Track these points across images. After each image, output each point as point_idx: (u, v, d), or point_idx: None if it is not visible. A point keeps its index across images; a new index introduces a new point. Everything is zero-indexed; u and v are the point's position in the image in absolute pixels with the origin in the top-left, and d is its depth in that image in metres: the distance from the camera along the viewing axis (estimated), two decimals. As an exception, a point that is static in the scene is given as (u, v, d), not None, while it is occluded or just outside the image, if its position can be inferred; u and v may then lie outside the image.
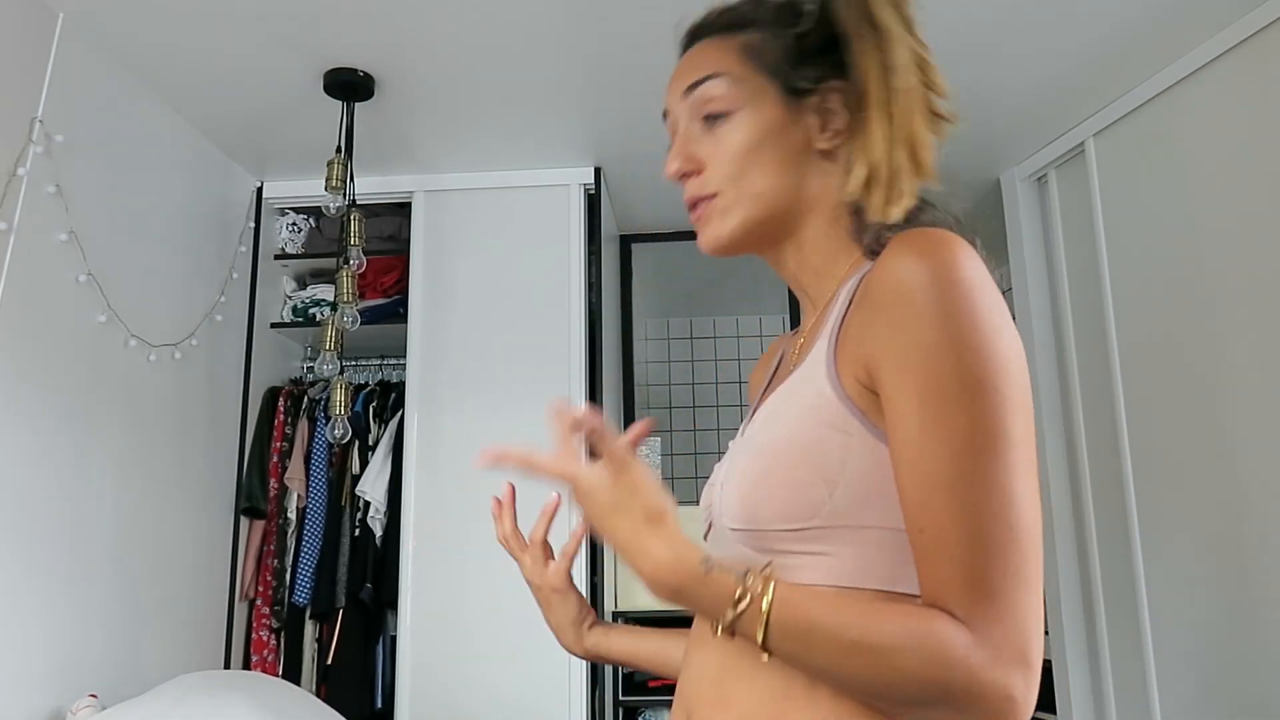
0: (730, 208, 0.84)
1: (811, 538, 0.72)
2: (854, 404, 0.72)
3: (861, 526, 0.71)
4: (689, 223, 0.90)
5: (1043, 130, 2.72)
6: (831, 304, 0.82)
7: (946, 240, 0.69)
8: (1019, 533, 0.64)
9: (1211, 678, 2.20)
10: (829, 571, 0.72)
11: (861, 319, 0.73)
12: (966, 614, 0.63)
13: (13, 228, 1.90)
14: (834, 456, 0.71)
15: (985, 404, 0.65)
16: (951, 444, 0.65)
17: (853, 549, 0.71)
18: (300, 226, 3.14)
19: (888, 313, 0.69)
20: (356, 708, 2.68)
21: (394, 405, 2.97)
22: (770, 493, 0.74)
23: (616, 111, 2.57)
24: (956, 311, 0.66)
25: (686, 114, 0.87)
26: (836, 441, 0.72)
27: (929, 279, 0.67)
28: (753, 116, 0.84)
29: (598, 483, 0.74)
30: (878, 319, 0.70)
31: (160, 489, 2.39)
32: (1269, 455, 2.06)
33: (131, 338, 2.27)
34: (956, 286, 0.67)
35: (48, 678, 1.95)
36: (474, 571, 2.64)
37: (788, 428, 0.76)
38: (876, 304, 0.70)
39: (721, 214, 0.85)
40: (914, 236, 0.70)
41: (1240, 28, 2.15)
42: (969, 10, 2.12)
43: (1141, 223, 2.48)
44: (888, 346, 0.69)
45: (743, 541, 0.77)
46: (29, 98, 1.97)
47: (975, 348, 0.66)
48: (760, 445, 0.77)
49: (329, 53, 2.27)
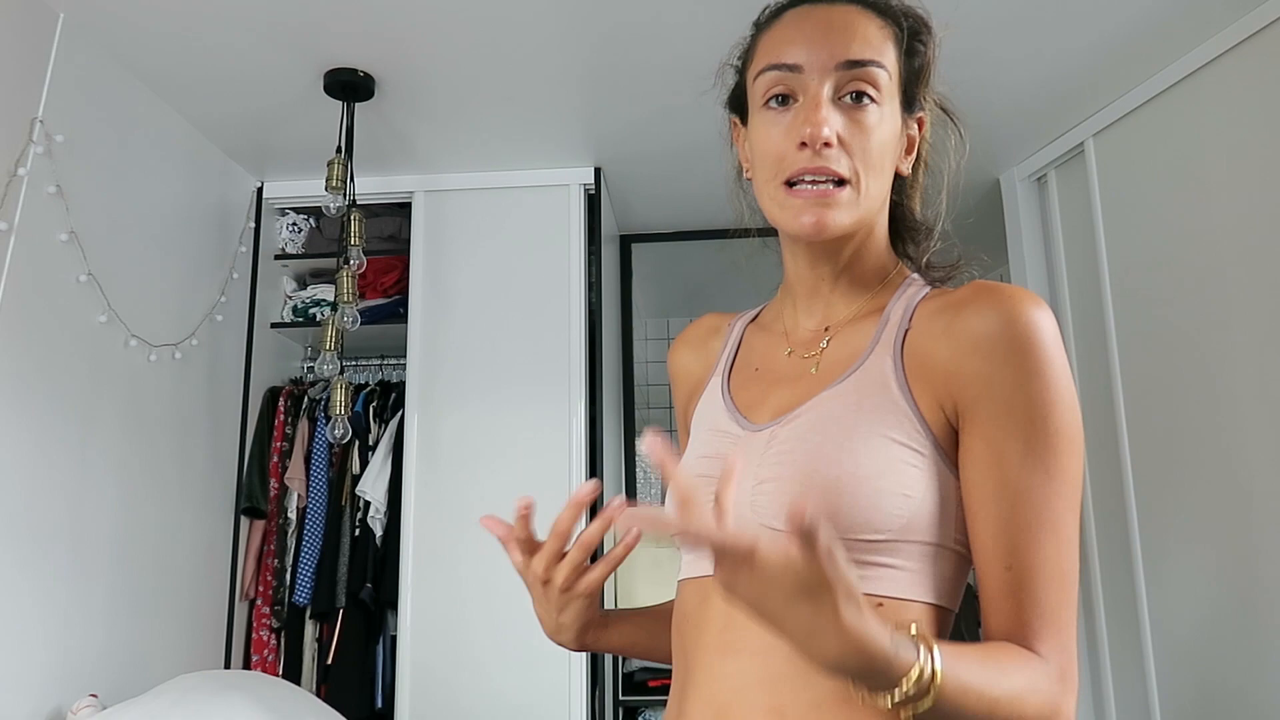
0: (859, 201, 0.82)
1: (884, 549, 0.74)
2: (929, 428, 0.76)
3: (926, 543, 0.75)
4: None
5: (1042, 130, 2.72)
6: (872, 317, 0.85)
7: (1035, 300, 0.76)
8: (1076, 572, 0.74)
9: (1211, 678, 2.20)
10: (893, 584, 0.74)
11: (951, 356, 0.77)
12: (1046, 649, 0.71)
13: (13, 228, 1.90)
14: (911, 473, 0.75)
15: (1076, 458, 0.73)
16: (1049, 491, 0.72)
17: (918, 563, 0.75)
18: (300, 226, 3.14)
19: (992, 361, 0.74)
20: (356, 707, 2.68)
21: (394, 405, 2.97)
22: (851, 501, 0.73)
23: (616, 111, 2.57)
24: (1057, 370, 0.74)
25: (831, 82, 0.82)
26: (912, 459, 0.75)
27: (1032, 337, 0.74)
28: (891, 117, 0.85)
29: (789, 562, 0.58)
30: (978, 363, 0.75)
31: (161, 489, 2.39)
32: (1269, 456, 2.06)
33: (132, 338, 2.27)
34: (1054, 345, 0.74)
35: (48, 677, 1.95)
36: (474, 571, 2.64)
37: (865, 437, 0.75)
38: (977, 349, 0.75)
39: (849, 204, 0.82)
40: (1008, 291, 0.76)
41: (1240, 28, 2.15)
42: (969, 10, 2.12)
43: (1141, 223, 2.48)
44: (992, 391, 0.74)
45: None
46: (29, 98, 1.97)
47: (1071, 405, 0.74)
48: (831, 451, 0.76)
49: (329, 53, 2.27)
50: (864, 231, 0.87)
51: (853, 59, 0.81)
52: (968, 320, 0.77)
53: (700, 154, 2.72)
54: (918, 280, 0.89)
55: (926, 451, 0.76)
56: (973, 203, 3.19)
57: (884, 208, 0.89)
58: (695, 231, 3.35)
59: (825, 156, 0.80)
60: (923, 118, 0.90)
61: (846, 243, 0.87)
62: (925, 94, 0.90)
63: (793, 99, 0.83)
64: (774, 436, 0.81)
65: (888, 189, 0.87)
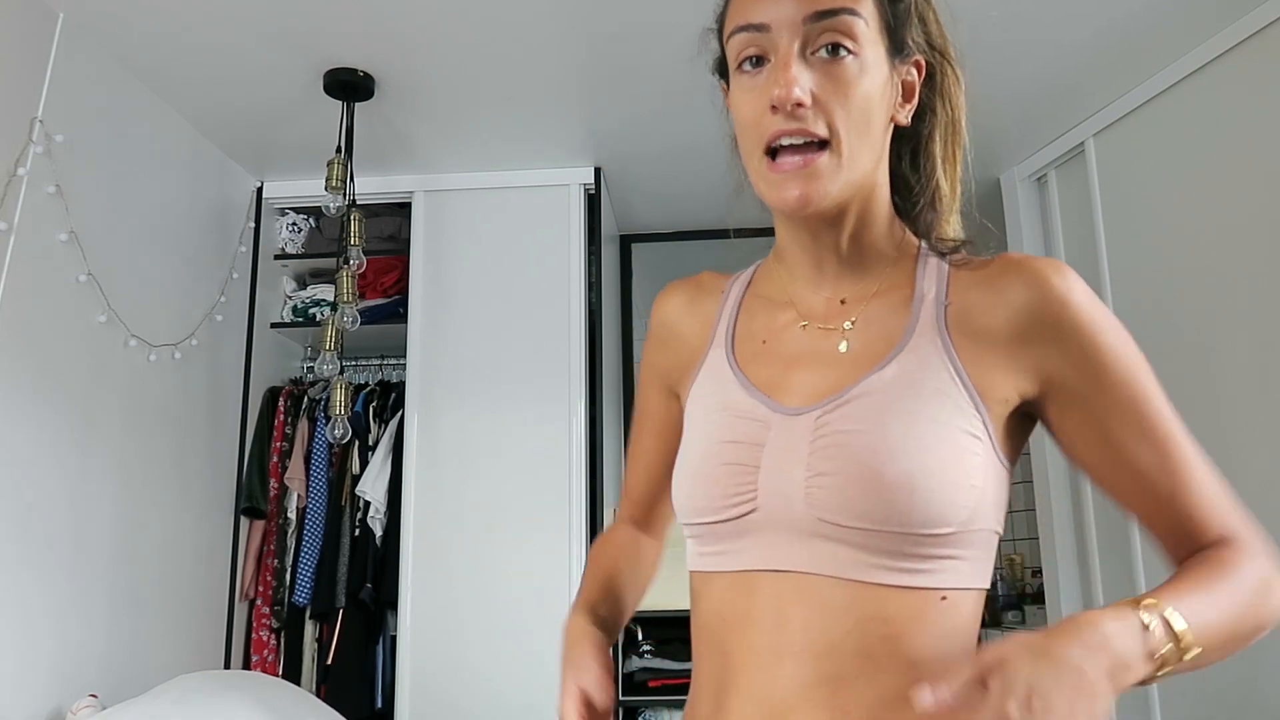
0: (843, 165, 0.76)
1: (954, 541, 0.72)
2: (986, 412, 0.75)
3: (984, 529, 0.74)
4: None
5: (1043, 130, 2.72)
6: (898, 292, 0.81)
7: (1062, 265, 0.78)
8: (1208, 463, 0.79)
9: (1211, 678, 2.20)
10: (959, 575, 0.73)
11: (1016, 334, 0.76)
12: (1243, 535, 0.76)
13: (13, 228, 1.90)
14: (976, 462, 0.73)
15: (1152, 374, 0.77)
16: (1175, 423, 0.76)
17: (978, 551, 0.75)
18: (300, 226, 3.14)
19: (1074, 335, 0.75)
20: (356, 707, 2.68)
21: (394, 405, 2.97)
22: (922, 496, 0.70)
23: (616, 111, 2.57)
24: (1111, 318, 0.77)
25: (800, 38, 0.76)
26: (975, 447, 0.74)
27: (1093, 302, 0.76)
28: (875, 67, 0.78)
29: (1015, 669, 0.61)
30: (1059, 340, 0.75)
31: (160, 489, 2.39)
32: (1270, 455, 2.06)
33: (132, 338, 2.27)
34: (1096, 299, 0.78)
35: (48, 677, 1.95)
36: (474, 571, 2.64)
37: (930, 428, 0.73)
38: (1054, 329, 0.75)
39: (831, 171, 0.76)
40: (1053, 265, 0.77)
41: (1239, 28, 2.15)
42: (969, 10, 2.12)
43: (1141, 223, 2.48)
44: (1088, 361, 0.75)
45: (848, 540, 0.72)
46: (29, 98, 1.97)
47: (1129, 338, 0.78)
48: (895, 443, 0.72)
49: (329, 53, 2.27)
50: (863, 195, 0.81)
51: (821, 9, 0.76)
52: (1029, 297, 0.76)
53: (700, 154, 2.72)
54: (926, 249, 0.84)
55: (984, 437, 0.74)
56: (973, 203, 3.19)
57: (879, 167, 0.81)
58: (695, 231, 3.35)
59: (800, 117, 0.75)
60: (920, 61, 0.82)
61: (846, 211, 0.81)
62: (915, 35, 0.81)
63: (766, 60, 0.78)
64: (821, 424, 0.75)
65: (879, 146, 0.80)
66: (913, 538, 0.71)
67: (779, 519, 0.75)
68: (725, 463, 0.78)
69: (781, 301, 0.87)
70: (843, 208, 0.80)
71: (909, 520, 0.70)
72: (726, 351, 0.86)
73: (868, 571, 0.72)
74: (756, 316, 0.88)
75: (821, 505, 0.73)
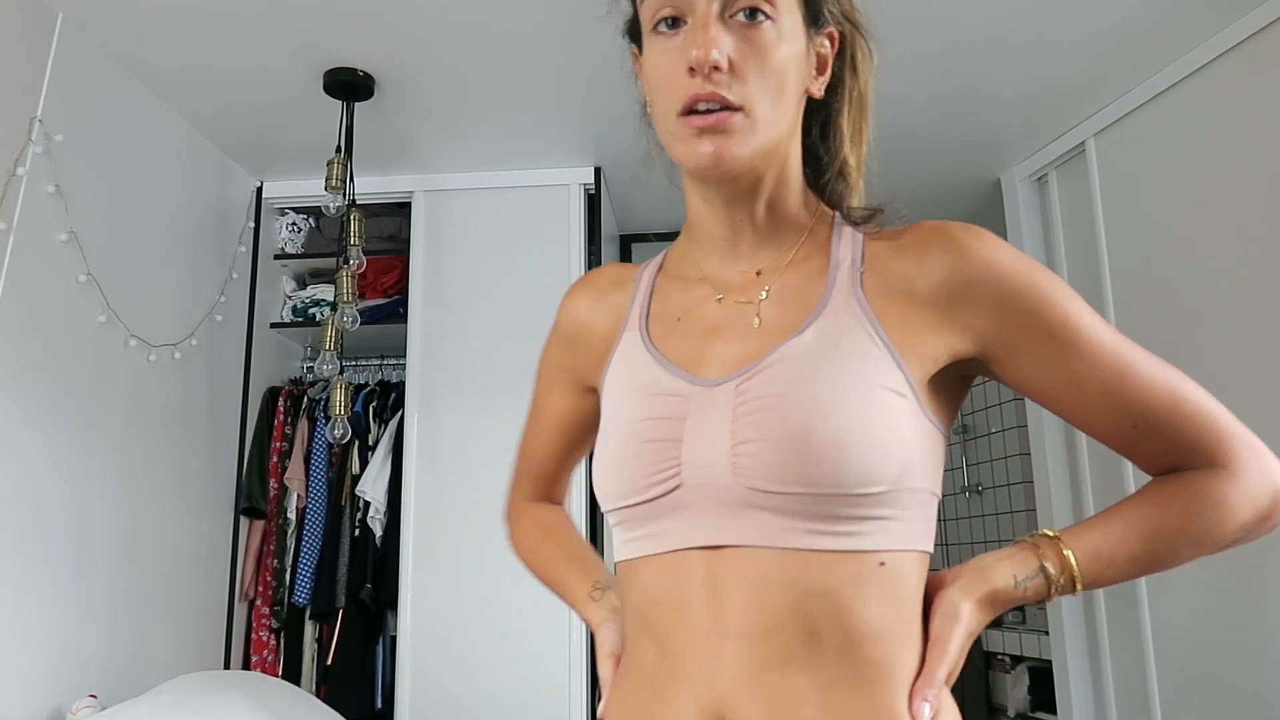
0: (757, 128, 0.75)
1: (883, 501, 0.71)
2: (908, 372, 0.74)
3: (917, 489, 0.74)
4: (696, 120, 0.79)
5: (1043, 130, 2.72)
6: (813, 261, 0.81)
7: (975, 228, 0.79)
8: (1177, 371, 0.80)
9: (1211, 678, 2.20)
10: (894, 536, 0.72)
11: (944, 295, 0.76)
12: (1229, 446, 0.76)
13: (12, 227, 1.90)
14: (902, 419, 0.73)
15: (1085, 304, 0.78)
16: (1126, 346, 0.77)
17: (913, 511, 0.74)
18: (300, 226, 3.14)
19: (1006, 293, 0.76)
20: (356, 708, 2.68)
21: (394, 405, 2.97)
22: (850, 454, 0.69)
23: (616, 111, 2.56)
24: (1047, 271, 0.78)
25: (718, 3, 0.75)
26: (900, 404, 0.73)
27: (1016, 255, 0.77)
28: (791, 35, 0.77)
29: None
30: (991, 301, 0.76)
31: (160, 489, 2.39)
32: (1269, 455, 2.06)
33: (131, 338, 2.27)
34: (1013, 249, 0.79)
35: (48, 678, 1.95)
36: (474, 571, 2.64)
37: (853, 386, 0.72)
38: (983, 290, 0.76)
39: (746, 132, 0.75)
40: (971, 229, 0.78)
41: (1239, 29, 2.15)
42: (969, 10, 2.12)
43: (1141, 223, 2.48)
44: (1024, 313, 0.75)
45: (779, 507, 0.71)
46: (28, 97, 1.97)
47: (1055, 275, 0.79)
48: (819, 403, 0.71)
49: (329, 53, 2.27)
50: (777, 165, 0.80)
51: None
52: (953, 260, 0.76)
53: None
54: (840, 220, 0.84)
55: (909, 395, 0.74)
56: (973, 203, 3.19)
57: (792, 136, 0.81)
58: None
59: (715, 82, 0.74)
60: (834, 33, 0.82)
61: (760, 180, 0.80)
62: (831, 6, 0.81)
63: (682, 21, 0.76)
64: (742, 391, 0.74)
65: (792, 115, 0.79)
66: (845, 499, 0.70)
67: (705, 492, 0.73)
68: (645, 440, 0.77)
69: (695, 278, 0.86)
70: (757, 176, 0.79)
71: (840, 480, 0.69)
72: (641, 333, 0.85)
73: (801, 538, 0.71)
74: (670, 296, 0.87)
75: (749, 473, 0.71)
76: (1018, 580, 0.74)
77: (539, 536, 1.01)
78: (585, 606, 0.91)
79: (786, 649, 0.70)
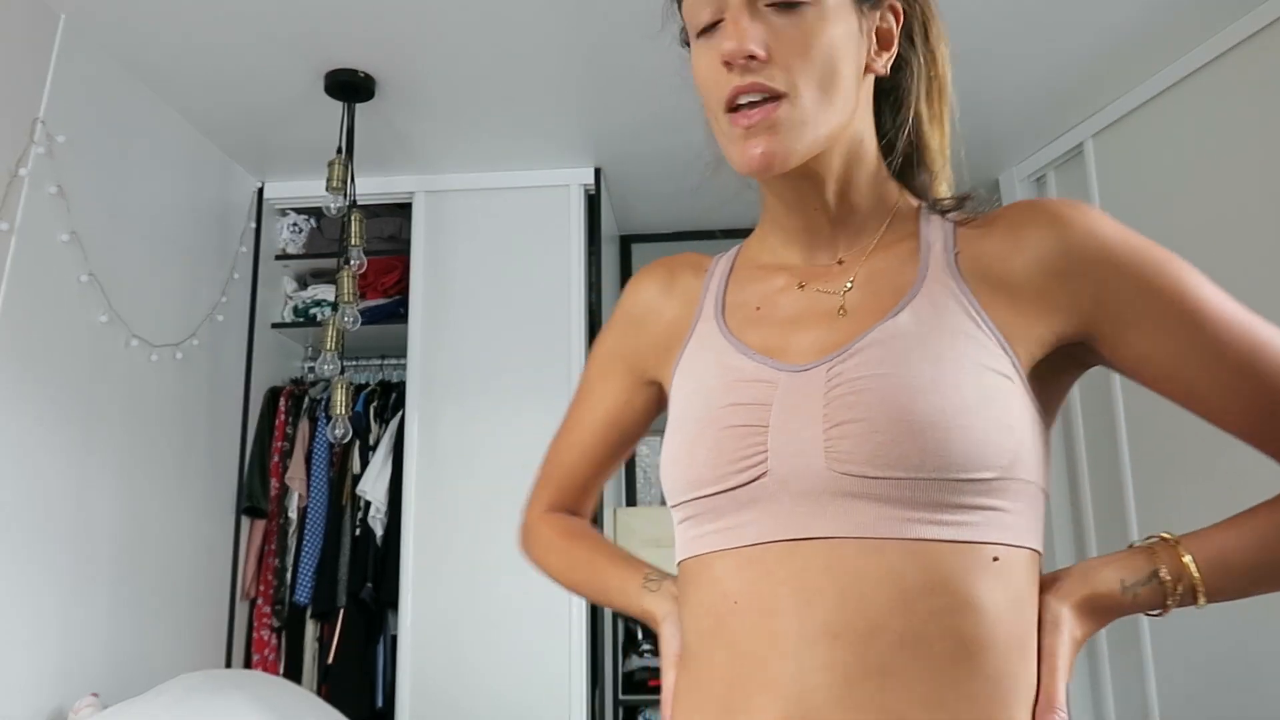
0: (808, 120, 0.71)
1: (994, 490, 0.65)
2: (1014, 355, 0.69)
3: (1029, 482, 0.68)
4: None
5: (1042, 130, 2.72)
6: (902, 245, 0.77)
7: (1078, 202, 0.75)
8: None
9: (1211, 677, 2.20)
10: (1007, 530, 0.66)
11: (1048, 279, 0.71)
12: None
13: (14, 228, 1.90)
14: (1011, 401, 0.67)
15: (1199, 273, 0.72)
16: (1255, 322, 0.71)
17: (1023, 504, 0.68)
18: (301, 227, 3.14)
19: (1112, 265, 0.70)
20: (357, 707, 2.68)
21: (394, 405, 2.97)
22: (957, 435, 0.64)
23: (616, 111, 2.57)
24: (1155, 245, 0.72)
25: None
26: (1006, 386, 0.68)
27: (1119, 228, 0.72)
28: (837, 12, 0.73)
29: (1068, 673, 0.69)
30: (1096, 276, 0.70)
31: (162, 489, 2.39)
32: (1268, 455, 2.06)
33: (133, 338, 2.28)
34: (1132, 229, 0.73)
35: (50, 677, 1.95)
36: (474, 571, 2.64)
37: (958, 365, 0.67)
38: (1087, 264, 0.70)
39: (796, 126, 0.71)
40: (1069, 202, 0.73)
41: (1239, 28, 2.15)
42: (969, 10, 2.13)
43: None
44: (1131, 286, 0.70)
45: (877, 494, 0.65)
46: (30, 98, 1.98)
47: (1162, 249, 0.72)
48: (921, 383, 0.66)
49: (329, 53, 2.28)
50: (843, 150, 0.76)
51: None
52: (1054, 236, 0.71)
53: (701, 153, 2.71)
54: (927, 209, 0.80)
55: (1015, 379, 0.68)
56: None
57: (857, 120, 0.77)
58: (695, 231, 3.35)
59: (754, 70, 0.70)
60: (896, 6, 0.78)
61: (826, 168, 0.76)
62: None
63: (721, 21, 0.74)
64: (834, 374, 0.69)
65: (851, 98, 0.74)
66: (951, 484, 0.64)
67: (794, 480, 0.67)
68: (726, 426, 0.71)
69: (774, 266, 0.82)
70: (821, 165, 0.76)
71: (947, 463, 0.63)
72: (718, 322, 0.80)
73: (903, 526, 0.64)
74: (747, 285, 0.82)
75: (845, 457, 0.65)
76: (1125, 585, 0.68)
77: (564, 541, 0.94)
78: (640, 599, 0.82)
79: (887, 657, 0.62)
